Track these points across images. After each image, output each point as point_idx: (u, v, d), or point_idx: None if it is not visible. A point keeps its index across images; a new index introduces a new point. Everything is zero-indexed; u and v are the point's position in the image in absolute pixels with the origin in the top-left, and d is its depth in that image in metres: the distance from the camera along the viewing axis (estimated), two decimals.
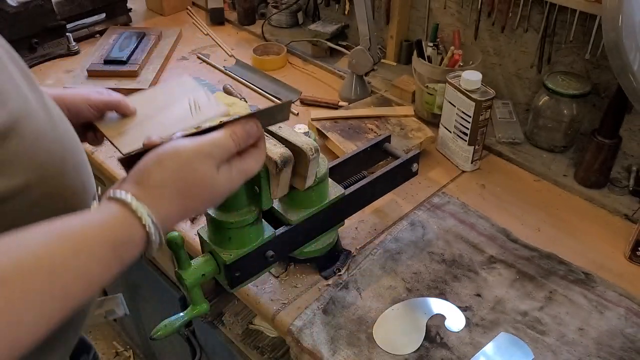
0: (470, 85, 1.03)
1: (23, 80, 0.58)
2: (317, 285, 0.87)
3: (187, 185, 0.55)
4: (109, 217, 0.51)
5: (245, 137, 0.59)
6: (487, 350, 0.78)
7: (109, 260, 0.50)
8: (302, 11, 1.64)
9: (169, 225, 0.55)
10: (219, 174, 0.57)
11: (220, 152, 0.57)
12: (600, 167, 1.03)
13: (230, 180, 0.58)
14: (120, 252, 0.51)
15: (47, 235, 0.47)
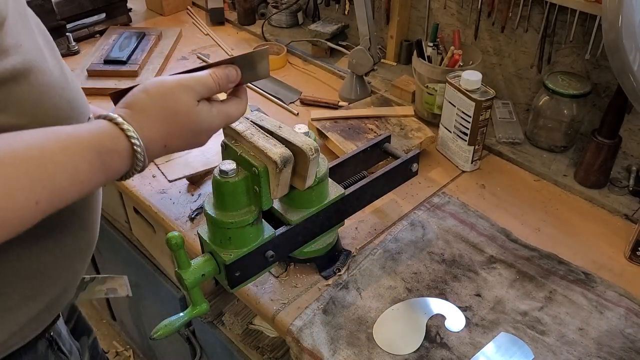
0: (470, 85, 1.03)
1: (44, 44, 0.62)
2: (317, 285, 0.87)
3: (169, 110, 0.60)
4: (97, 128, 0.56)
5: (224, 78, 0.65)
6: (487, 350, 0.78)
7: (94, 163, 0.55)
8: (302, 11, 1.64)
9: (153, 148, 0.60)
10: (199, 107, 0.62)
11: (200, 87, 0.62)
12: (600, 167, 1.03)
13: (209, 116, 0.63)
14: (106, 159, 0.56)
15: (41, 133, 0.53)
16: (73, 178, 0.53)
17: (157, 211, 1.03)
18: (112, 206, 1.36)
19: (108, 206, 1.40)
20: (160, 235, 1.17)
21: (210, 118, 0.64)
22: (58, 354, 0.77)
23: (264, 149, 0.68)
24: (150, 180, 1.09)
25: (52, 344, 0.76)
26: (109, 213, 1.42)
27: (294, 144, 0.70)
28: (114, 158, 0.56)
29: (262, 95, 1.36)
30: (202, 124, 0.63)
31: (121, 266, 1.50)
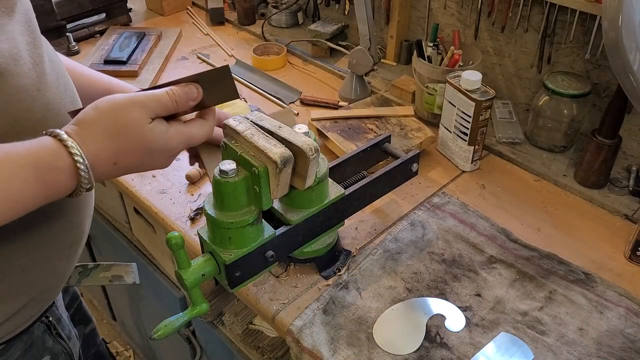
0: (470, 85, 1.03)
1: (27, 45, 0.61)
2: (317, 285, 0.87)
3: (118, 126, 0.57)
4: (37, 145, 0.54)
5: (183, 95, 0.62)
6: (487, 350, 0.78)
7: (30, 180, 0.52)
8: (302, 11, 1.64)
9: (101, 165, 0.57)
10: (153, 124, 0.59)
11: (154, 104, 0.59)
12: (600, 167, 1.03)
13: (165, 134, 0.60)
14: (45, 176, 0.53)
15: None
16: (6, 196, 0.51)
17: (157, 211, 1.03)
18: (112, 206, 1.36)
19: (108, 206, 1.40)
20: (160, 235, 1.17)
21: (166, 137, 0.60)
22: (57, 339, 0.77)
23: (264, 149, 0.68)
24: (150, 180, 1.09)
25: (50, 328, 0.76)
26: (109, 213, 1.42)
27: (294, 144, 0.70)
28: (54, 175, 0.54)
29: (262, 95, 1.36)
30: (155, 142, 0.59)
31: None
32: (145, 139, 0.58)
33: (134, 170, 0.62)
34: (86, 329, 0.98)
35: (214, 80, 0.66)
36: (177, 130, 0.61)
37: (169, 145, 0.61)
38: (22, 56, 0.59)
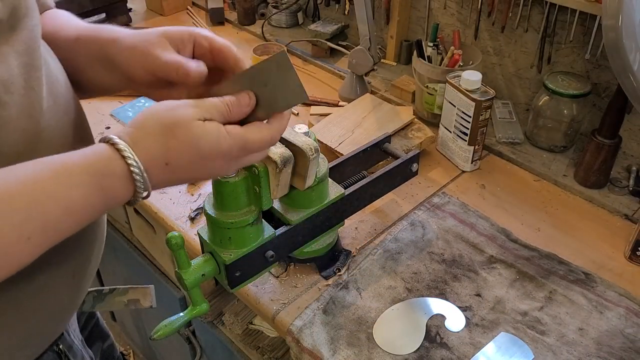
0: (470, 85, 1.03)
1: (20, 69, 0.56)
2: (317, 285, 0.87)
3: (167, 121, 0.54)
4: (91, 151, 0.53)
5: (235, 102, 0.57)
6: (487, 350, 0.78)
7: (89, 189, 0.51)
8: (302, 11, 1.64)
9: (154, 167, 0.54)
10: (203, 122, 0.55)
11: (206, 106, 0.56)
12: (600, 167, 1.03)
13: (216, 134, 0.55)
14: (103, 183, 0.51)
15: (33, 165, 0.50)
16: (67, 207, 0.50)
17: (157, 211, 1.03)
18: None
19: None
20: (160, 235, 1.17)
21: (218, 136, 0.55)
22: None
23: None
24: None
25: (60, 356, 0.73)
26: (109, 213, 1.42)
27: (294, 144, 0.70)
28: (110, 181, 0.52)
29: None
30: (205, 139, 0.54)
31: (121, 266, 1.50)
32: (194, 135, 0.54)
33: (190, 175, 0.57)
34: (104, 345, 0.93)
35: (270, 75, 0.58)
36: (230, 131, 0.55)
37: (222, 147, 0.55)
38: (13, 82, 0.55)
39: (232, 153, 0.56)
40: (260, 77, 0.58)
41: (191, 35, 0.63)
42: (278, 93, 0.58)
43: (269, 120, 0.59)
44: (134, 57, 0.61)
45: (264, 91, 0.58)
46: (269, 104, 0.58)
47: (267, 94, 0.58)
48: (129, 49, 0.61)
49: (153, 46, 0.60)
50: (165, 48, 0.61)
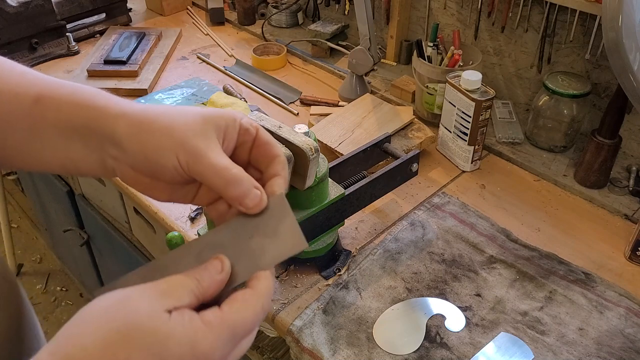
0: (470, 85, 1.03)
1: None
2: (317, 285, 0.87)
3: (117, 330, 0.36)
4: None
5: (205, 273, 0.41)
6: (487, 350, 0.78)
7: None
8: (302, 11, 1.64)
9: None
10: (172, 320, 0.37)
11: (169, 288, 0.39)
12: (600, 167, 1.03)
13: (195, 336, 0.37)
14: None
15: None
16: None
17: (157, 211, 1.03)
18: (112, 206, 1.36)
19: (108, 206, 1.40)
20: (160, 235, 1.17)
21: (195, 335, 0.37)
22: None
23: None
24: None
25: None
26: (109, 213, 1.42)
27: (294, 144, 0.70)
28: None
29: (262, 95, 1.36)
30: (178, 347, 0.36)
31: (121, 266, 1.50)
32: (158, 336, 0.36)
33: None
34: None
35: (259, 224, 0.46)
36: (208, 321, 0.38)
37: (201, 349, 0.37)
38: None
39: (216, 352, 0.38)
40: (244, 228, 0.46)
41: (236, 121, 0.49)
42: (268, 245, 0.45)
43: (250, 283, 0.42)
44: (167, 145, 0.45)
45: (247, 245, 0.45)
46: (253, 261, 0.44)
47: (253, 248, 0.45)
48: (161, 132, 0.45)
49: (197, 138, 0.45)
50: (212, 143, 0.46)
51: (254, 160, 0.50)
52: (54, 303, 2.10)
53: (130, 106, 0.47)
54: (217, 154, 0.45)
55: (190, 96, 1.34)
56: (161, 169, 0.45)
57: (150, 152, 0.45)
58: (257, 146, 0.50)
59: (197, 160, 0.44)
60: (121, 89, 1.34)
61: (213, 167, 0.44)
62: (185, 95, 1.34)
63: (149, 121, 0.46)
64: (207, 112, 0.47)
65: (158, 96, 1.34)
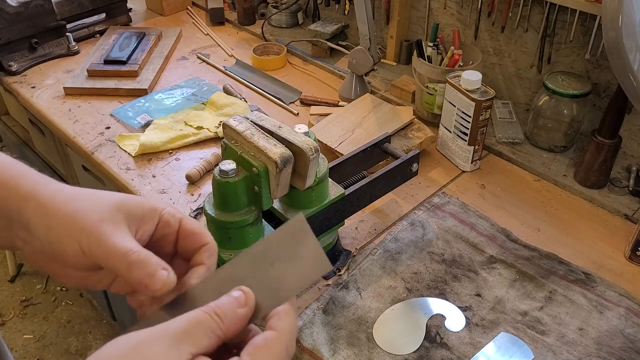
0: (470, 85, 1.03)
1: None
2: (317, 285, 0.87)
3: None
4: None
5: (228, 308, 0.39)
6: (487, 350, 0.78)
7: None
8: (302, 11, 1.64)
9: None
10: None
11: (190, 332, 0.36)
12: (600, 167, 1.03)
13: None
14: None
15: None
16: None
17: None
18: None
19: None
20: None
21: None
22: None
23: (264, 149, 0.68)
24: (150, 180, 1.09)
25: None
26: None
27: (294, 144, 0.70)
28: None
29: (262, 95, 1.36)
30: None
31: None
32: None
33: None
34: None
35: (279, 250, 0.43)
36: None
37: None
38: None
39: None
40: (265, 255, 0.43)
41: (155, 212, 0.47)
42: (290, 271, 0.42)
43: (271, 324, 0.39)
44: (69, 230, 0.43)
45: (268, 273, 0.42)
46: (275, 290, 0.41)
47: (274, 276, 0.42)
48: (65, 217, 0.44)
49: (102, 222, 0.43)
50: (118, 228, 0.44)
51: (181, 250, 0.48)
52: (54, 303, 2.10)
53: (43, 188, 0.45)
54: (121, 237, 0.43)
55: (190, 96, 1.34)
56: (63, 255, 0.44)
57: (53, 237, 0.44)
58: (183, 237, 0.48)
59: (99, 244, 0.43)
60: (121, 89, 1.34)
61: (115, 250, 0.42)
62: (185, 95, 1.34)
63: (56, 206, 0.44)
64: (124, 199, 0.46)
65: (158, 96, 1.34)
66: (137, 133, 1.21)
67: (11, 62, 1.41)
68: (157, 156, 1.15)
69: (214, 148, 1.17)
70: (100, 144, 1.18)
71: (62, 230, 0.43)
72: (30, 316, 2.05)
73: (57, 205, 0.44)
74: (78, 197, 0.45)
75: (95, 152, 1.16)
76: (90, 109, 1.30)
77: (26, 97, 1.34)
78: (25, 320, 2.04)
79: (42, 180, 0.46)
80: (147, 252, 0.43)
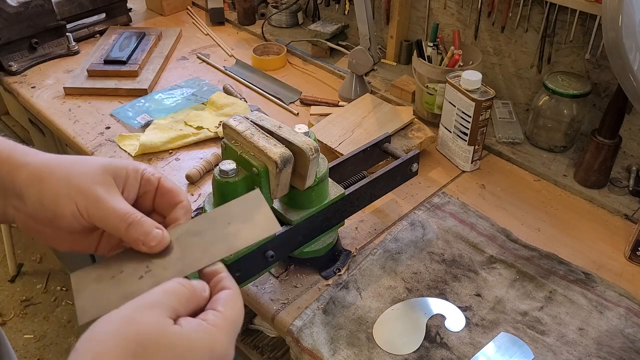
0: (470, 85, 1.03)
1: None
2: (317, 285, 0.87)
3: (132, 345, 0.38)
4: None
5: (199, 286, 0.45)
6: (487, 350, 0.78)
7: None
8: (302, 11, 1.64)
9: None
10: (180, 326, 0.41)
11: (168, 299, 0.42)
12: (600, 167, 1.03)
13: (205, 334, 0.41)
14: None
15: None
16: None
17: None
18: None
19: None
20: None
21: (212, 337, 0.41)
22: None
23: (264, 149, 0.68)
24: None
25: None
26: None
27: (294, 144, 0.70)
28: None
29: (262, 95, 1.36)
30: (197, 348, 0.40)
31: None
32: (179, 348, 0.39)
33: None
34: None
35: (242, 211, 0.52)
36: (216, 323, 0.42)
37: (218, 350, 0.41)
38: None
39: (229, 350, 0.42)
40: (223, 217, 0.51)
41: (137, 172, 0.52)
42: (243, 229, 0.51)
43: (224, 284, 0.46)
44: (65, 192, 0.47)
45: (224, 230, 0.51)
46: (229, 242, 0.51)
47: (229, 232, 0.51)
48: (59, 181, 0.47)
49: (96, 185, 0.48)
50: (111, 190, 0.48)
51: (158, 207, 0.53)
52: (54, 303, 2.10)
53: (34, 156, 0.49)
54: (117, 200, 0.48)
55: (190, 96, 1.34)
56: (60, 218, 0.47)
57: (47, 201, 0.47)
58: (161, 194, 0.52)
59: (97, 205, 0.47)
60: (121, 89, 1.34)
61: (114, 212, 0.47)
62: (185, 95, 1.34)
63: (49, 170, 0.48)
64: (108, 162, 0.50)
65: (158, 96, 1.34)
66: (137, 133, 1.21)
67: (11, 62, 1.41)
68: (157, 156, 1.15)
69: (214, 148, 1.17)
70: (100, 144, 1.18)
71: (57, 194, 0.47)
72: (30, 316, 2.05)
73: (49, 170, 0.48)
74: (67, 162, 0.49)
75: (95, 152, 1.16)
76: (90, 109, 1.30)
77: (26, 97, 1.34)
78: (25, 320, 2.04)
79: (31, 151, 0.50)
80: (141, 214, 0.48)
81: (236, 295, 0.46)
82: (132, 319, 0.40)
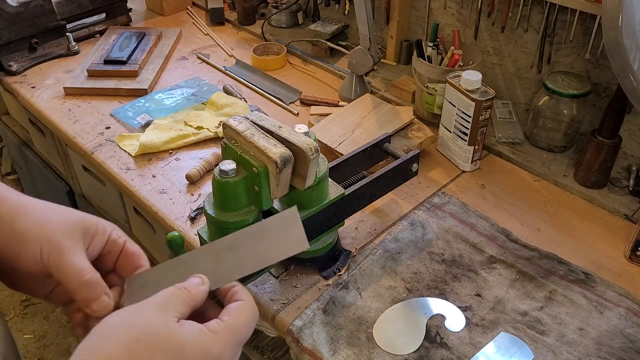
0: (470, 85, 1.03)
1: None
2: (317, 285, 0.87)
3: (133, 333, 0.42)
4: None
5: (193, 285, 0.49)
6: (487, 350, 0.78)
7: None
8: (302, 11, 1.64)
9: None
10: (180, 325, 0.44)
11: (171, 302, 0.46)
12: (600, 167, 1.02)
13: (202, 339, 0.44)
14: None
15: None
16: None
17: (157, 211, 1.03)
18: (112, 206, 1.36)
19: (108, 206, 1.40)
20: (160, 235, 1.17)
21: (204, 342, 0.44)
22: None
23: (264, 149, 0.68)
24: (150, 180, 1.09)
25: None
26: (109, 213, 1.42)
27: (294, 144, 0.70)
28: None
29: (262, 95, 1.36)
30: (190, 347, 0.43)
31: None
32: (175, 342, 0.43)
33: None
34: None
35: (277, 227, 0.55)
36: (216, 329, 0.45)
37: (211, 353, 0.44)
38: None
39: (226, 356, 0.46)
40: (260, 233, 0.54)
41: (106, 231, 0.54)
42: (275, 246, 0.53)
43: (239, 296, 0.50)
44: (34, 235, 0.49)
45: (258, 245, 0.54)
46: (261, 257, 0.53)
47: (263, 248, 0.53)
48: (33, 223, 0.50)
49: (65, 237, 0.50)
50: (76, 246, 0.50)
51: (119, 268, 0.55)
52: None
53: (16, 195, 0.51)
54: (79, 256, 0.50)
55: (190, 96, 1.34)
56: (22, 258, 0.49)
57: (16, 238, 0.49)
58: (124, 256, 0.55)
59: (59, 256, 0.49)
60: (121, 89, 1.34)
61: (72, 267, 0.49)
62: (185, 95, 1.34)
63: (25, 211, 0.50)
64: (84, 216, 0.52)
65: (158, 96, 1.34)
66: (137, 133, 1.21)
67: (11, 62, 1.41)
68: (157, 156, 1.15)
69: (214, 148, 1.17)
70: (100, 144, 1.18)
71: (27, 234, 0.49)
72: (30, 316, 2.05)
73: (27, 210, 0.50)
74: (45, 208, 0.51)
75: (95, 152, 1.16)
76: (90, 109, 1.30)
77: (26, 97, 1.34)
78: (25, 320, 2.04)
79: (10, 190, 0.52)
80: (97, 275, 0.50)
81: (246, 306, 0.49)
82: (137, 314, 0.44)
